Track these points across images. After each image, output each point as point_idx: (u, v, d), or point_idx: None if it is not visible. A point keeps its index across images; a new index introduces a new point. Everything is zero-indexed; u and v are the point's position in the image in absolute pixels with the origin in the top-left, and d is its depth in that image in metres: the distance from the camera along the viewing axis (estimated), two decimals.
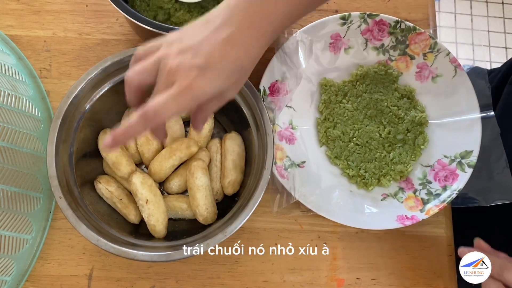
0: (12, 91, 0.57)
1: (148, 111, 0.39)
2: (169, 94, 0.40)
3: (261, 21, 0.42)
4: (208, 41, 0.41)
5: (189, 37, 0.42)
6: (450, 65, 0.62)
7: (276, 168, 0.58)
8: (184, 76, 0.40)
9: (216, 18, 0.41)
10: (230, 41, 0.41)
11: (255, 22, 0.42)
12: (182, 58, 0.40)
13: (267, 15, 0.42)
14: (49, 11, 0.66)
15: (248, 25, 0.41)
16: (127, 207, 0.55)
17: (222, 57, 0.41)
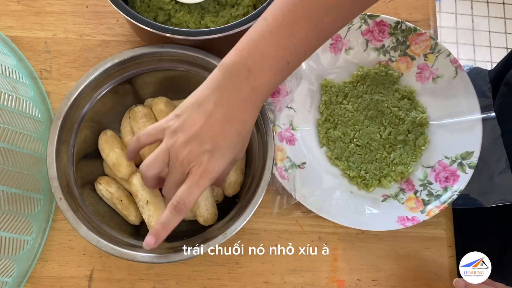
0: (12, 92, 0.57)
1: (179, 203, 0.45)
2: (191, 182, 0.45)
3: (250, 96, 0.45)
4: (208, 126, 0.44)
5: (190, 125, 0.45)
6: (451, 66, 0.62)
7: (276, 169, 0.58)
8: (198, 164, 0.45)
9: (208, 102, 0.45)
10: (227, 120, 0.44)
11: (245, 99, 0.45)
12: (191, 147, 0.45)
13: (255, 89, 0.45)
14: (49, 12, 0.66)
15: (239, 102, 0.45)
16: (128, 208, 0.55)
17: (225, 135, 0.45)
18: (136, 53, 0.55)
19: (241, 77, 0.44)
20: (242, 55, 0.44)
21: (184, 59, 0.56)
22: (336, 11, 0.43)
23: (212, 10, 0.60)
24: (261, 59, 0.44)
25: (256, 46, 0.44)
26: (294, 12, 0.42)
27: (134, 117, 0.57)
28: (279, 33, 0.43)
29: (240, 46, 0.44)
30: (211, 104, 0.44)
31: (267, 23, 0.44)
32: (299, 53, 0.45)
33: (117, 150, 0.55)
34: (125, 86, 0.57)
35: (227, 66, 0.44)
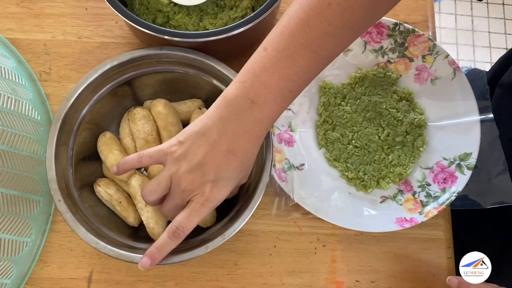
0: (12, 94, 0.57)
1: (178, 229, 0.46)
2: (191, 210, 0.46)
3: (254, 127, 0.45)
4: (212, 157, 0.45)
5: (193, 154, 0.46)
6: (449, 67, 0.62)
7: (275, 170, 0.58)
8: (201, 193, 0.46)
9: (211, 132, 0.45)
10: (231, 151, 0.45)
11: (249, 130, 0.45)
12: (193, 176, 0.46)
13: (260, 121, 0.45)
14: (48, 14, 0.67)
15: (243, 133, 0.45)
16: (126, 210, 0.56)
17: (228, 166, 0.46)
18: (135, 55, 0.55)
19: (244, 109, 0.44)
20: (245, 87, 0.44)
21: (183, 61, 0.56)
22: (334, 37, 0.43)
23: (210, 12, 0.60)
24: (264, 90, 0.44)
25: (258, 78, 0.44)
26: (294, 41, 0.43)
27: (133, 119, 0.57)
28: (280, 63, 0.43)
29: (242, 78, 0.45)
30: (214, 134, 0.45)
31: (267, 54, 0.44)
32: (301, 81, 0.45)
33: (116, 152, 0.56)
34: (124, 88, 0.58)
35: (230, 98, 0.45)
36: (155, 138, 0.58)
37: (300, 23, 0.42)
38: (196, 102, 0.61)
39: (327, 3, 0.41)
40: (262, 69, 0.44)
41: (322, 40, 0.42)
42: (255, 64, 0.44)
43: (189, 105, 0.60)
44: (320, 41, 0.42)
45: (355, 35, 0.46)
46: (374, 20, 0.46)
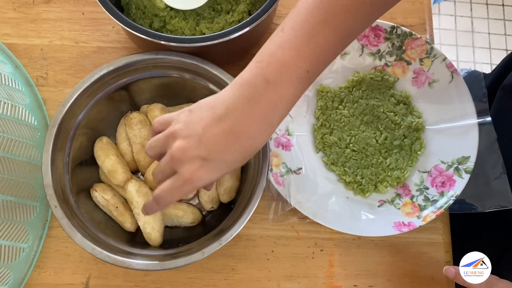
0: (8, 99, 0.57)
1: (157, 197, 0.44)
2: (172, 184, 0.43)
3: (268, 112, 0.42)
4: (212, 133, 0.42)
5: (196, 123, 0.42)
6: (447, 70, 0.62)
7: (272, 175, 0.58)
8: (188, 167, 0.42)
9: (220, 107, 0.42)
10: (234, 133, 0.41)
11: (261, 115, 0.42)
12: (187, 145, 0.42)
13: (274, 105, 0.42)
14: (45, 19, 0.67)
15: (253, 118, 0.41)
16: (123, 215, 0.55)
17: (226, 148, 0.42)
18: (131, 60, 0.55)
19: (259, 89, 0.41)
20: (261, 67, 0.42)
21: (179, 65, 0.56)
22: (355, 13, 0.41)
23: (207, 16, 0.60)
24: (279, 69, 0.41)
25: (274, 56, 0.42)
26: (312, 17, 0.41)
27: (130, 124, 0.57)
28: (297, 41, 0.41)
29: (257, 59, 0.43)
30: (222, 110, 0.42)
31: (284, 33, 0.42)
32: (318, 60, 0.43)
33: (112, 157, 0.55)
34: (121, 92, 0.58)
35: (244, 78, 0.42)
36: None
37: (318, 0, 0.41)
38: None
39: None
40: (278, 47, 0.42)
41: (341, 17, 0.41)
42: (271, 44, 0.42)
43: None
44: (339, 18, 0.41)
45: (374, 12, 0.44)
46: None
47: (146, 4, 0.59)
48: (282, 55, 0.41)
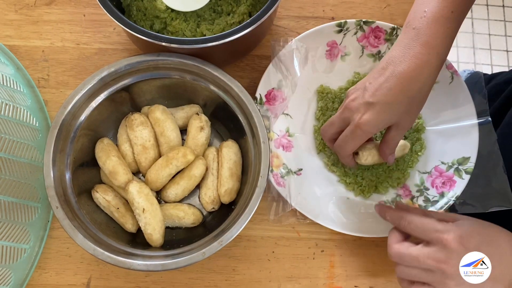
0: (10, 101, 0.57)
1: (335, 147, 0.54)
2: (345, 133, 0.51)
3: (421, 51, 0.47)
4: (376, 81, 0.49)
5: (364, 80, 0.51)
6: (447, 71, 0.62)
7: (272, 176, 0.58)
8: (356, 114, 0.49)
9: (383, 61, 0.49)
10: (395, 76, 0.47)
11: (415, 55, 0.47)
12: (355, 95, 0.50)
13: (426, 43, 0.47)
14: (47, 21, 0.67)
15: (408, 58, 0.47)
16: (124, 216, 0.56)
17: (388, 90, 0.47)
18: (132, 61, 0.55)
19: (412, 36, 0.47)
20: (408, 21, 0.49)
21: (180, 67, 0.56)
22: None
23: (208, 18, 0.60)
24: (423, 13, 0.47)
25: (418, 5, 0.49)
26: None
27: (131, 125, 0.57)
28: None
29: (407, 18, 0.50)
30: (384, 63, 0.49)
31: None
32: (460, 1, 0.47)
33: (113, 158, 0.56)
34: (122, 94, 0.58)
35: (399, 39, 0.49)
36: (153, 144, 0.58)
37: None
38: (194, 108, 0.61)
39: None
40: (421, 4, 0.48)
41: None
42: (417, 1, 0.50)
43: (187, 111, 0.60)
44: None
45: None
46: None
47: (147, 6, 0.60)
48: (424, 1, 0.48)
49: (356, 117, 0.49)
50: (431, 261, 0.46)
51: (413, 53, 0.47)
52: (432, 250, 0.46)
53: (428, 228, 0.48)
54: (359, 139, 0.50)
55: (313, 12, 0.69)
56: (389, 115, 0.48)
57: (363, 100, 0.49)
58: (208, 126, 0.59)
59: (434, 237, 0.47)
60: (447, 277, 0.46)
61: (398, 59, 0.48)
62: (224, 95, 0.57)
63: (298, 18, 0.69)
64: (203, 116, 0.59)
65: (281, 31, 0.68)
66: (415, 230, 0.49)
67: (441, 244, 0.46)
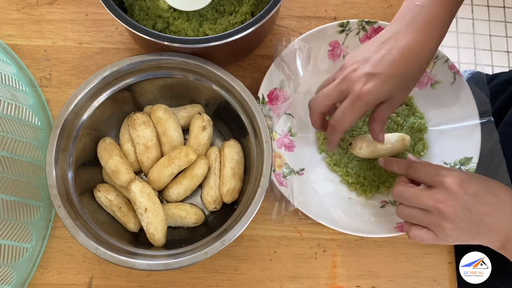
0: (12, 100, 0.57)
1: (334, 123, 0.50)
2: (344, 105, 0.49)
3: (423, 26, 0.48)
4: (377, 53, 0.48)
5: (363, 52, 0.50)
6: (449, 71, 0.62)
7: (275, 175, 0.58)
8: (356, 84, 0.48)
9: (383, 35, 0.49)
10: (397, 48, 0.47)
11: (416, 29, 0.48)
12: (355, 66, 0.49)
13: (429, 21, 0.48)
14: (49, 20, 0.67)
15: (409, 31, 0.48)
16: (126, 216, 0.56)
17: (391, 63, 0.47)
18: (134, 61, 0.55)
19: (414, 11, 0.48)
20: None
21: (183, 66, 0.56)
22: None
23: (210, 17, 0.60)
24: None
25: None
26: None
27: (133, 125, 0.57)
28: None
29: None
30: (385, 37, 0.49)
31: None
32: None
33: (116, 157, 0.56)
34: (124, 93, 0.58)
35: (398, 14, 0.50)
36: (155, 143, 0.58)
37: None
38: (196, 107, 0.61)
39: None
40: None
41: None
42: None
43: (189, 110, 0.60)
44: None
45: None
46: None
47: (150, 5, 0.60)
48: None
49: (357, 87, 0.48)
50: (430, 201, 0.47)
51: (416, 29, 0.47)
52: (433, 191, 0.48)
53: (432, 172, 0.49)
54: (359, 111, 0.48)
55: (315, 12, 0.69)
56: (390, 88, 0.48)
57: (365, 71, 0.48)
58: (210, 125, 0.59)
59: (436, 180, 0.48)
60: (444, 219, 0.47)
61: (400, 34, 0.48)
62: (226, 95, 0.57)
63: (300, 18, 0.69)
64: (205, 115, 0.59)
65: (283, 31, 0.68)
66: (420, 175, 0.51)
67: (442, 186, 0.47)
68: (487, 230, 0.47)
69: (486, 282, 0.55)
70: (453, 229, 0.47)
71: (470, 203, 0.47)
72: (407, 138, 0.60)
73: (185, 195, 0.58)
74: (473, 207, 0.47)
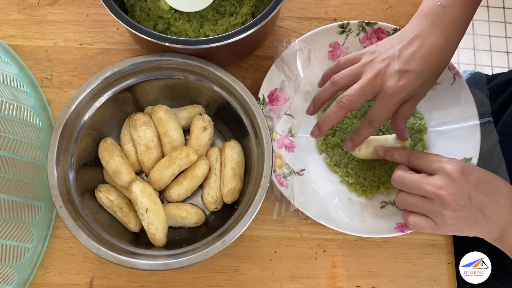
0: (13, 101, 0.57)
1: (371, 120, 0.52)
2: (379, 103, 0.50)
3: (448, 27, 0.50)
4: (407, 50, 0.50)
5: (390, 48, 0.51)
6: (449, 72, 0.63)
7: (275, 176, 0.58)
8: (390, 81, 0.49)
9: (409, 33, 0.51)
10: (425, 47, 0.50)
11: (444, 29, 0.50)
12: (387, 63, 0.50)
13: (453, 22, 0.51)
14: (50, 21, 0.67)
15: (433, 29, 0.50)
16: (127, 216, 0.56)
17: (422, 60, 0.49)
18: (136, 61, 0.56)
19: (439, 13, 0.51)
20: None
21: (184, 67, 0.57)
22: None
23: (211, 18, 0.61)
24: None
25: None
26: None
27: (134, 125, 0.57)
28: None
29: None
30: (412, 35, 0.51)
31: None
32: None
33: (117, 158, 0.56)
34: (125, 94, 0.58)
35: (424, 10, 0.52)
36: (156, 144, 0.58)
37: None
38: (197, 108, 0.61)
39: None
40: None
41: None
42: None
43: (190, 111, 0.61)
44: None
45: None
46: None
47: (151, 6, 0.60)
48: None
49: (391, 84, 0.49)
50: (431, 187, 0.48)
51: (441, 29, 0.50)
52: (434, 178, 0.48)
53: (434, 159, 0.51)
54: (394, 107, 0.51)
55: (316, 13, 0.69)
56: (420, 84, 0.50)
57: (397, 68, 0.49)
58: (211, 126, 0.59)
59: (437, 167, 0.49)
60: (444, 206, 0.47)
61: (427, 33, 0.50)
62: (227, 96, 0.57)
63: (301, 19, 0.69)
64: (206, 116, 0.59)
65: (284, 32, 0.68)
66: (421, 163, 0.52)
67: (443, 172, 0.48)
68: (485, 220, 0.48)
69: (486, 282, 0.55)
70: (452, 217, 0.47)
71: (471, 191, 0.47)
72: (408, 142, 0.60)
73: (186, 195, 0.58)
74: (473, 195, 0.47)
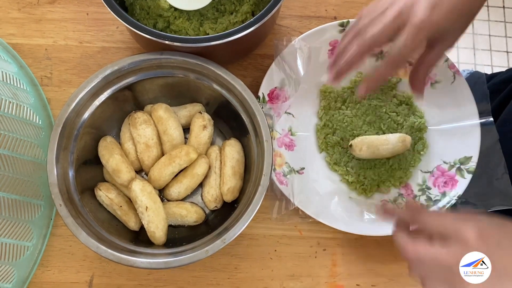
0: (13, 99, 0.57)
1: (393, 56, 0.46)
2: (406, 37, 0.44)
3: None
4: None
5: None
6: (449, 71, 0.63)
7: (275, 174, 0.58)
8: (416, 15, 0.44)
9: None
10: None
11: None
12: (411, 2, 0.44)
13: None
14: (50, 19, 0.67)
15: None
16: (127, 214, 0.56)
17: None
18: (135, 60, 0.56)
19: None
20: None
21: (183, 65, 0.57)
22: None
23: (211, 16, 0.61)
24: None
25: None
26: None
27: (134, 124, 0.57)
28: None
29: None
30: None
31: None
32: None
33: (116, 156, 0.56)
34: (125, 92, 0.58)
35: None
36: (156, 142, 0.58)
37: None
38: (197, 107, 0.61)
39: None
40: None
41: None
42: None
43: (190, 110, 0.61)
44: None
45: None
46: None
47: (150, 5, 0.60)
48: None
49: (419, 17, 0.44)
50: (452, 259, 0.44)
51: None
52: (452, 249, 0.44)
53: (446, 223, 0.45)
54: (420, 44, 0.45)
55: (316, 12, 0.69)
56: (452, 22, 0.45)
57: (426, 2, 0.44)
58: (211, 124, 0.59)
59: (452, 234, 0.44)
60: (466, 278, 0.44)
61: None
62: (227, 94, 0.57)
63: (301, 18, 0.69)
64: (206, 114, 0.59)
65: (284, 30, 0.68)
66: (432, 226, 0.46)
67: (461, 242, 0.44)
68: None
69: None
70: (476, 286, 0.44)
71: (492, 256, 0.44)
72: (408, 139, 0.60)
73: (186, 194, 0.58)
74: (495, 260, 0.44)
